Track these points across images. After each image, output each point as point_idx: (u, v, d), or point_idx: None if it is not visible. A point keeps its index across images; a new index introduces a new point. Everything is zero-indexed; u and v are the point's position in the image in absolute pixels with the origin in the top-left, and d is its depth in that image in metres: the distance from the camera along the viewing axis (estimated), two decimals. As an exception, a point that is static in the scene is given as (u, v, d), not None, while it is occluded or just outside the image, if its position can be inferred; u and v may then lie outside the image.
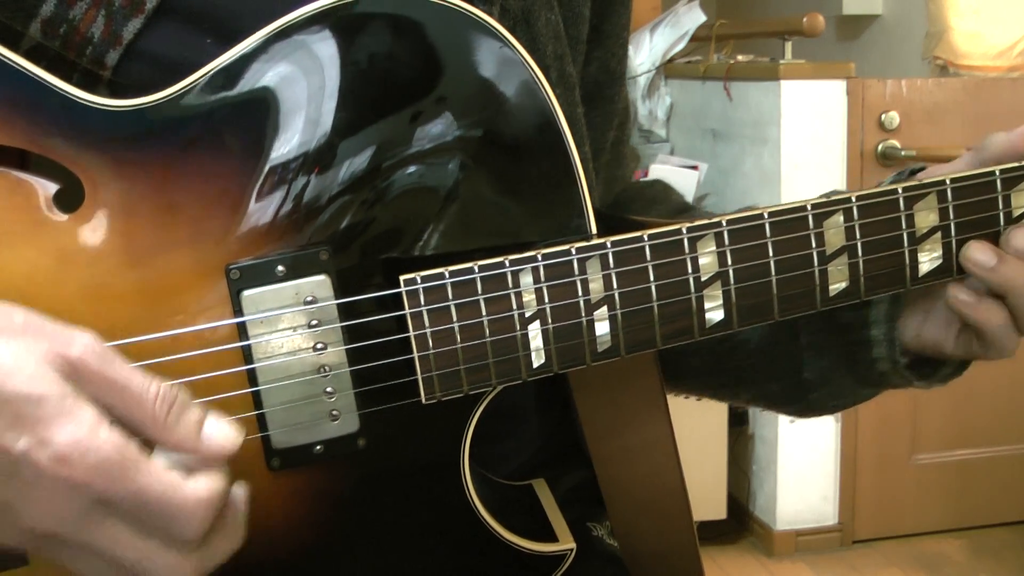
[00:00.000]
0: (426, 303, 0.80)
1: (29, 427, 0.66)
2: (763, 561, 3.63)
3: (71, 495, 0.67)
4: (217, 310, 0.79)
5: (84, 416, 0.67)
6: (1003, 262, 0.88)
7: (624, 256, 0.82)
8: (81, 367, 0.68)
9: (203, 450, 0.72)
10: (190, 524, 0.70)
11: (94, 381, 0.69)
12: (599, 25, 1.08)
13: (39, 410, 0.66)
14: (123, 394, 0.70)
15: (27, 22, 0.84)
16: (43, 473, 0.66)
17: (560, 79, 0.99)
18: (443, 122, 0.80)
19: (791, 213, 0.85)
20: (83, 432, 0.67)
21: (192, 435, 0.71)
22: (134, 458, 0.68)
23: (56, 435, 0.66)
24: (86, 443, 0.66)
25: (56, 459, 0.66)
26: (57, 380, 0.67)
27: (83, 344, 0.69)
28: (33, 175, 0.76)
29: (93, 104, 0.77)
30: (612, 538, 1.10)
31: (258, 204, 0.79)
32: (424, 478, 0.86)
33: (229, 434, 0.73)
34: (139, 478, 0.68)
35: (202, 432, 0.72)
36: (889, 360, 0.96)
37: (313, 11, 0.78)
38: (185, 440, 0.71)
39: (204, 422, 0.72)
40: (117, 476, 0.67)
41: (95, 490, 0.67)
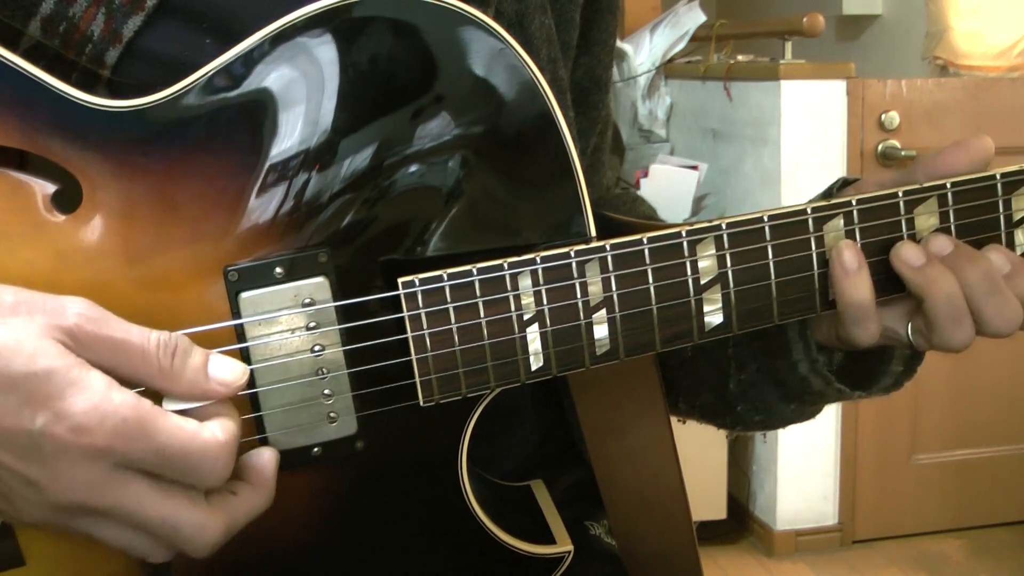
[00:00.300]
0: (424, 305, 0.80)
1: (43, 403, 0.67)
2: (763, 561, 3.63)
3: (94, 461, 0.68)
4: (215, 311, 0.79)
5: (94, 382, 0.68)
6: (929, 264, 0.87)
7: (623, 259, 0.82)
8: (79, 333, 0.69)
9: (213, 391, 0.73)
10: (214, 469, 0.71)
11: (93, 345, 0.70)
12: (587, 32, 1.08)
13: (49, 385, 0.67)
14: (125, 351, 0.71)
15: (27, 20, 0.84)
16: (65, 445, 0.67)
17: (553, 83, 0.99)
18: (442, 124, 0.80)
19: (791, 216, 0.85)
20: (97, 398, 0.67)
21: (200, 378, 0.73)
22: (151, 415, 0.69)
23: (71, 406, 0.67)
24: (102, 408, 0.67)
25: (75, 429, 0.67)
26: (60, 352, 0.68)
27: (76, 311, 0.70)
28: (31, 176, 0.76)
29: (92, 105, 0.77)
30: (610, 537, 1.10)
31: (256, 205, 0.79)
32: (422, 480, 0.86)
33: (235, 369, 0.75)
34: (158, 434, 0.69)
35: (208, 373, 0.73)
36: (807, 361, 0.94)
37: (313, 12, 0.78)
38: (194, 384, 0.73)
39: (208, 363, 0.74)
40: (137, 435, 0.68)
41: (117, 453, 0.68)
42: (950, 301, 0.86)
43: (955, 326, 0.86)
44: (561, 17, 1.03)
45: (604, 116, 1.14)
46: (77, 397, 0.67)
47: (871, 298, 0.86)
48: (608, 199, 1.15)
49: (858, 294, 0.86)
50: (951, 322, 0.86)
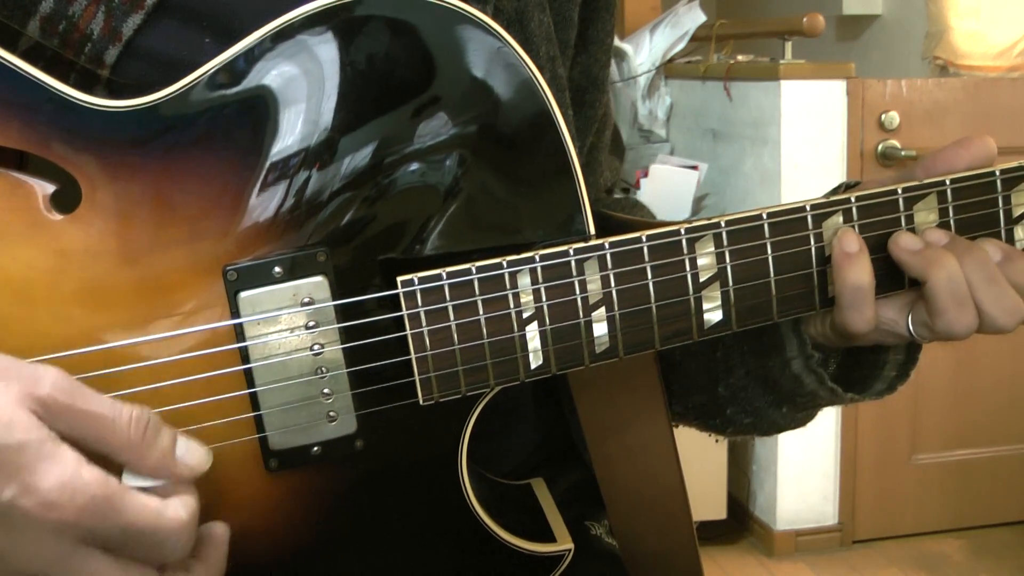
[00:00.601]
0: (424, 304, 0.80)
1: (14, 475, 0.67)
2: (763, 561, 3.63)
3: (59, 536, 0.68)
4: (214, 311, 0.79)
5: (66, 458, 0.68)
6: (928, 247, 0.86)
7: (622, 257, 0.82)
8: (52, 404, 0.69)
9: (177, 472, 0.73)
10: (175, 547, 0.72)
11: (65, 416, 0.70)
12: (584, 31, 1.08)
13: (21, 457, 0.67)
14: (95, 424, 0.71)
15: (26, 20, 0.84)
16: (33, 519, 0.67)
17: (552, 81, 0.99)
18: (441, 123, 0.80)
19: (790, 214, 0.85)
20: (68, 474, 0.68)
21: (167, 457, 0.73)
22: (119, 493, 0.69)
23: (41, 481, 0.67)
24: (71, 485, 0.67)
25: (45, 504, 0.67)
26: (35, 424, 0.68)
27: (50, 381, 0.69)
28: (30, 176, 0.76)
29: (90, 105, 0.77)
30: (610, 537, 1.09)
31: (255, 205, 0.79)
32: (422, 479, 0.86)
33: (201, 454, 0.75)
34: (125, 512, 0.69)
35: (176, 454, 0.74)
36: (802, 358, 0.94)
37: (311, 11, 0.78)
38: (160, 462, 0.73)
39: (176, 444, 0.74)
40: (104, 513, 0.69)
41: (83, 528, 0.68)
42: (951, 280, 0.85)
43: (959, 308, 0.86)
44: (560, 15, 1.03)
45: (601, 115, 1.14)
46: (49, 472, 0.67)
47: (870, 282, 0.86)
48: (606, 203, 1.15)
49: (856, 277, 0.85)
50: (954, 304, 0.85)
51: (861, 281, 0.86)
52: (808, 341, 0.93)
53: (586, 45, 1.09)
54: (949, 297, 0.85)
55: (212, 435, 0.79)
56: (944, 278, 0.85)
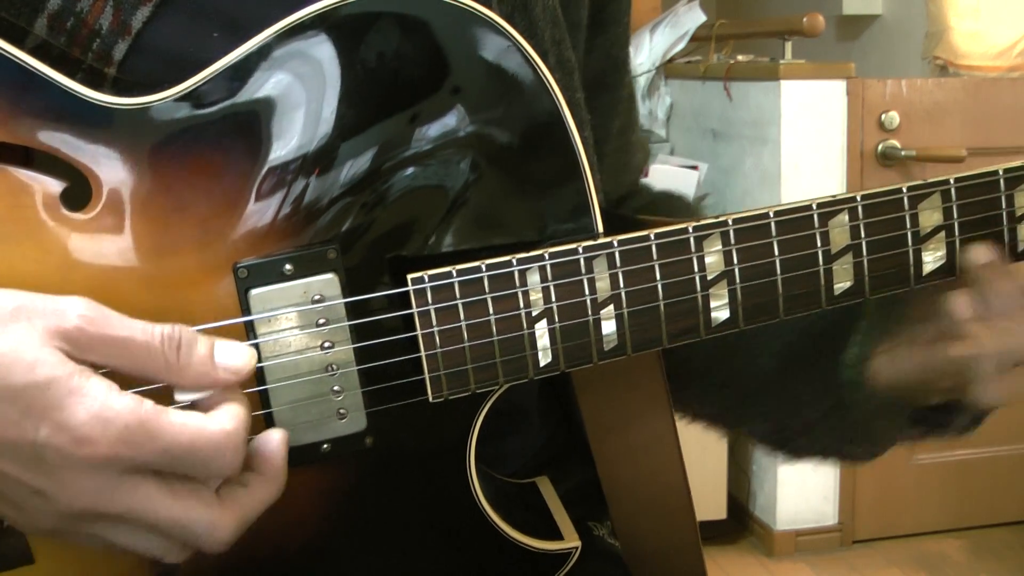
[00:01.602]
0: (434, 302, 0.80)
1: (43, 414, 0.66)
2: (763, 561, 3.63)
3: (100, 470, 0.68)
4: (225, 309, 0.79)
5: (94, 390, 0.67)
6: None
7: (631, 255, 0.82)
8: (81, 336, 0.68)
9: (221, 379, 0.72)
10: (223, 461, 0.71)
11: (96, 346, 0.69)
12: (598, 13, 1.08)
13: (49, 395, 0.66)
14: (129, 349, 0.70)
15: (33, 17, 0.84)
16: (68, 456, 0.67)
17: (559, 64, 0.99)
18: (449, 119, 0.80)
19: (796, 212, 0.85)
20: (97, 406, 0.67)
21: (208, 368, 0.72)
22: (154, 416, 0.68)
23: (72, 417, 0.66)
24: (103, 416, 0.67)
25: (78, 440, 0.66)
26: (60, 360, 0.67)
27: (77, 312, 0.69)
28: (39, 173, 0.76)
29: (99, 102, 0.77)
30: (613, 537, 1.10)
31: (266, 202, 0.79)
32: (431, 476, 0.86)
33: (243, 354, 0.74)
34: (163, 435, 0.68)
35: (215, 362, 0.73)
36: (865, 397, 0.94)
37: (319, 10, 0.78)
38: (202, 375, 0.72)
39: (214, 350, 0.73)
40: (141, 440, 0.68)
41: (123, 458, 0.68)
42: None
43: None
44: None
45: (626, 96, 1.14)
46: (78, 407, 0.66)
47: None
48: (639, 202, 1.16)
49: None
50: None
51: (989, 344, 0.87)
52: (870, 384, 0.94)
53: (603, 27, 1.09)
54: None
55: (222, 432, 0.79)
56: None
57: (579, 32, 1.05)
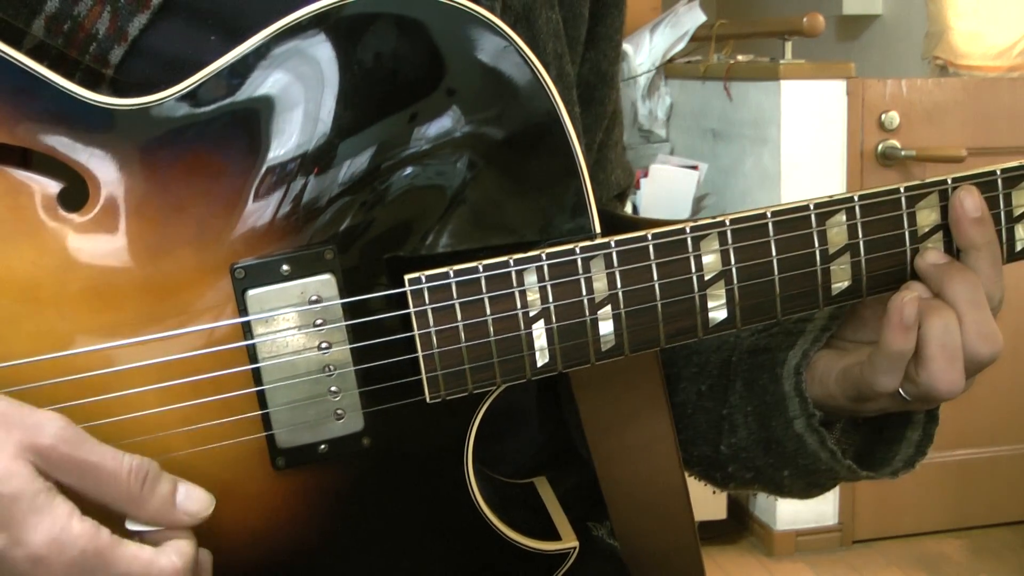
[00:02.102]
0: (431, 302, 0.80)
1: (5, 526, 0.67)
2: (763, 561, 3.63)
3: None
4: (222, 309, 0.79)
5: (58, 512, 0.68)
6: None
7: (628, 255, 0.82)
8: (53, 454, 0.70)
9: (178, 520, 0.74)
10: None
11: (65, 466, 0.70)
12: (594, 27, 1.08)
13: (13, 509, 0.67)
14: (96, 475, 0.71)
15: (31, 18, 0.84)
16: (20, 572, 0.68)
17: (559, 78, 0.99)
18: (448, 120, 0.80)
19: (794, 212, 0.85)
20: (57, 529, 0.68)
21: (167, 506, 0.73)
22: (109, 546, 0.69)
23: (31, 535, 0.68)
24: (61, 539, 0.68)
25: (33, 558, 0.68)
26: (30, 476, 0.68)
27: (52, 432, 0.70)
28: (36, 174, 0.76)
29: (97, 103, 0.77)
30: (612, 538, 1.09)
31: (263, 203, 0.79)
32: (428, 477, 0.86)
33: (202, 499, 0.75)
34: (116, 564, 0.70)
35: (176, 501, 0.74)
36: (804, 417, 0.93)
37: (317, 10, 0.78)
38: (160, 512, 0.73)
39: (176, 491, 0.74)
40: (94, 567, 0.69)
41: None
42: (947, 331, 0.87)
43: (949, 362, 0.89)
44: (570, 12, 1.03)
45: (611, 112, 1.14)
46: (39, 526, 0.67)
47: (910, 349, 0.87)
48: None
49: (907, 345, 0.86)
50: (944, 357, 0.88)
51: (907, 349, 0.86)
52: (809, 400, 0.93)
53: (595, 41, 1.09)
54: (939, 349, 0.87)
55: (219, 433, 0.79)
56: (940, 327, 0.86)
57: (578, 48, 1.06)
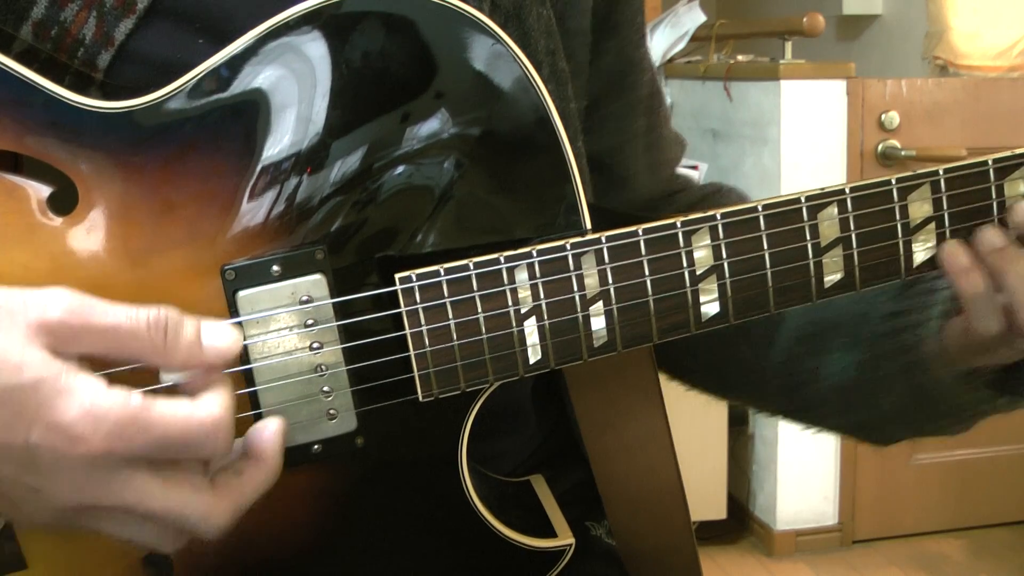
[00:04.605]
0: (422, 301, 0.80)
1: (34, 415, 0.66)
2: (763, 561, 3.63)
3: (94, 466, 0.68)
4: (213, 311, 0.78)
5: (83, 388, 0.67)
6: None
7: (619, 251, 0.82)
8: (64, 328, 0.68)
9: (209, 361, 0.72)
10: (215, 445, 0.71)
11: (82, 337, 0.69)
12: (607, 16, 1.07)
13: (38, 396, 0.66)
14: (115, 336, 0.70)
15: (18, 24, 0.84)
16: (62, 455, 0.67)
17: (552, 75, 0.99)
18: (437, 120, 0.80)
19: (785, 205, 0.85)
20: (88, 404, 0.67)
21: (195, 348, 0.72)
22: (143, 409, 0.68)
23: (63, 416, 0.67)
24: (94, 413, 0.67)
25: (71, 439, 0.67)
26: (46, 359, 0.67)
27: (60, 305, 0.69)
28: (26, 178, 0.76)
29: (85, 106, 0.77)
30: (610, 537, 1.10)
31: (253, 204, 0.79)
32: (422, 475, 0.86)
33: (229, 335, 0.74)
34: (154, 426, 0.68)
35: (203, 343, 0.72)
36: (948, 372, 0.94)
37: (305, 10, 0.78)
38: (190, 357, 0.72)
39: (201, 332, 0.73)
40: (133, 433, 0.68)
41: (116, 453, 0.68)
42: None
43: None
44: (566, 4, 1.03)
45: (646, 95, 1.13)
46: (68, 406, 0.67)
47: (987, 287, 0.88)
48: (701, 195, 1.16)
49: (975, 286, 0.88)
50: None
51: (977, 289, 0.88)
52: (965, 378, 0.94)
53: (616, 28, 1.08)
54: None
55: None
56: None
57: (579, 38, 1.05)
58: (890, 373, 0.99)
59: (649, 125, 1.14)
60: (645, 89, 1.13)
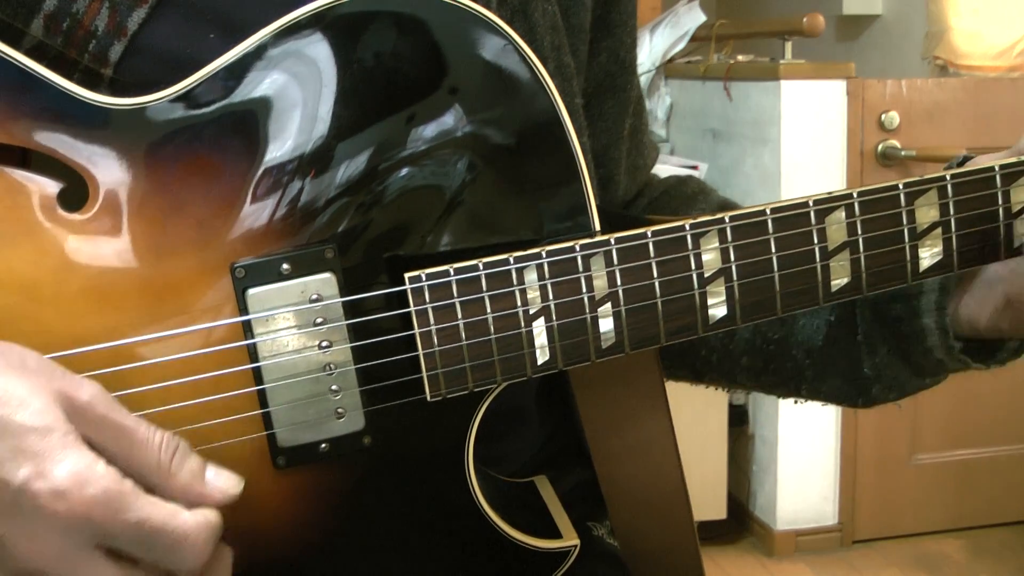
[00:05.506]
0: (431, 300, 0.80)
1: (30, 458, 0.67)
2: (763, 561, 3.63)
3: (68, 532, 0.68)
4: (222, 309, 0.79)
5: (84, 452, 0.68)
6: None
7: (628, 252, 0.82)
8: (88, 411, 0.70)
9: (206, 496, 0.73)
10: (193, 552, 0.71)
11: (100, 426, 0.70)
12: (605, 15, 1.08)
13: (42, 442, 0.67)
14: (129, 440, 0.71)
15: (29, 18, 0.84)
16: (41, 506, 0.67)
17: (558, 70, 0.99)
18: (448, 120, 0.80)
19: (793, 209, 0.85)
20: (82, 465, 0.68)
21: (196, 480, 0.73)
22: (132, 491, 0.69)
23: (56, 467, 0.67)
24: (84, 475, 0.68)
25: (55, 492, 0.67)
26: (62, 418, 0.69)
27: (91, 391, 0.71)
28: (36, 174, 0.76)
29: (96, 102, 0.77)
30: (612, 538, 1.10)
31: (263, 202, 0.79)
32: (429, 476, 0.86)
33: (231, 480, 0.75)
34: (138, 508, 0.69)
35: (205, 477, 0.74)
36: (943, 348, 0.95)
37: (315, 9, 0.78)
38: (189, 485, 0.73)
39: (205, 469, 0.74)
40: (116, 508, 0.68)
41: (95, 525, 0.68)
42: None
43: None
44: (570, 1, 1.03)
45: (635, 98, 1.14)
46: (65, 460, 0.67)
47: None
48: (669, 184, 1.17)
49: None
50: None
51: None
52: (951, 333, 0.94)
53: (610, 29, 1.09)
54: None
55: (220, 432, 0.79)
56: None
57: (581, 35, 1.05)
58: (873, 334, 1.00)
59: (634, 128, 1.15)
60: (634, 92, 1.14)
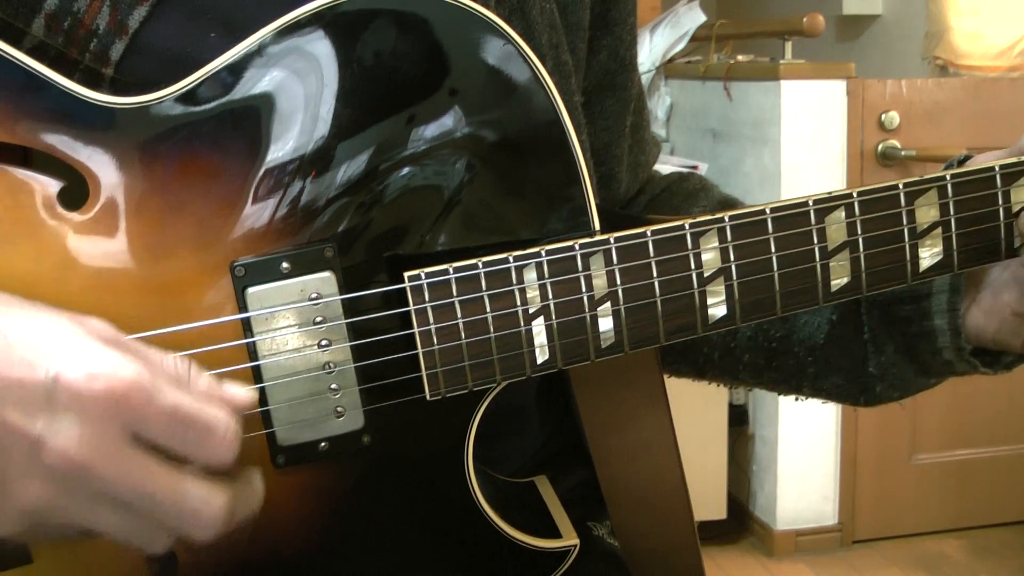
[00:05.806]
0: (430, 299, 0.80)
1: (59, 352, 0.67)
2: (763, 561, 3.63)
3: (103, 417, 0.67)
4: (222, 307, 0.79)
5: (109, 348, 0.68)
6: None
7: (627, 252, 0.82)
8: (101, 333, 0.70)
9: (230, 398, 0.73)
10: (223, 444, 0.70)
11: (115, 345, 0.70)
12: (605, 13, 1.08)
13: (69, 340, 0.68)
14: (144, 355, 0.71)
15: (30, 17, 0.84)
16: (76, 392, 0.66)
17: (556, 68, 0.99)
18: (448, 120, 0.80)
19: (793, 209, 0.85)
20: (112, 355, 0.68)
21: (215, 386, 0.72)
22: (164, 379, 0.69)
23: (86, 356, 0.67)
24: (116, 363, 0.67)
25: (89, 376, 0.66)
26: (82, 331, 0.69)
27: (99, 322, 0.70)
28: (36, 173, 0.76)
29: (97, 101, 0.77)
30: (612, 537, 1.10)
31: (263, 202, 0.79)
32: (428, 475, 0.86)
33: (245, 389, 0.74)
34: (172, 395, 0.68)
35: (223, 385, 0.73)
36: (953, 348, 0.95)
37: (316, 8, 0.78)
38: (211, 388, 0.72)
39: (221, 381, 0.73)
40: (150, 392, 0.68)
41: (129, 408, 0.67)
42: None
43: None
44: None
45: (636, 95, 1.14)
46: (94, 352, 0.67)
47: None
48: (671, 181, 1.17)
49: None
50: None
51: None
52: (963, 335, 0.94)
53: (610, 27, 1.09)
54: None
55: (220, 431, 0.79)
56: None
57: (580, 32, 1.05)
58: (880, 333, 1.00)
59: (635, 125, 1.15)
60: (635, 89, 1.14)
